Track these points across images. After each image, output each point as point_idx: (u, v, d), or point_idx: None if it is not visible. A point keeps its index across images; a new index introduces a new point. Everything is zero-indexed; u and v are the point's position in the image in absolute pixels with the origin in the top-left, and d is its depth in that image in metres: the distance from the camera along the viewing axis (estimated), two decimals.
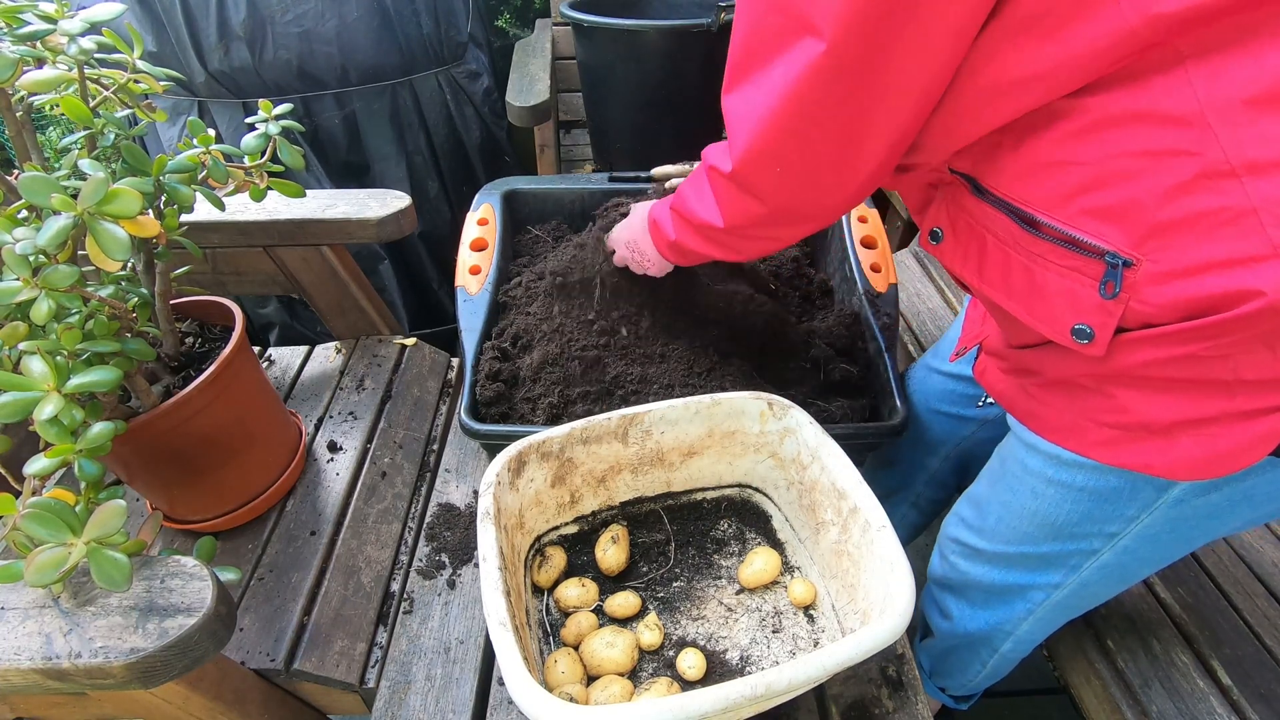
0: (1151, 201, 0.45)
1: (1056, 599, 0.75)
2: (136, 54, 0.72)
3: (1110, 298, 0.48)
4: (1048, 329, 0.54)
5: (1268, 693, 0.80)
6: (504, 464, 0.71)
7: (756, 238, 0.67)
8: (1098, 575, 0.70)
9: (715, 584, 0.78)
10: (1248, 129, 0.41)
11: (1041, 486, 0.67)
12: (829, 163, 0.54)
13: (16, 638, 0.54)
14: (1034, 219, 0.51)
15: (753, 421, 0.79)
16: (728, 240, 0.68)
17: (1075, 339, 0.52)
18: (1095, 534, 0.66)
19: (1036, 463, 0.66)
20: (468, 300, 0.99)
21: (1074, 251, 0.49)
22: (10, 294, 0.55)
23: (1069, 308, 0.51)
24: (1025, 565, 0.74)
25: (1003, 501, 0.72)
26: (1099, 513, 0.64)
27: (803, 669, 0.54)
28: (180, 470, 0.81)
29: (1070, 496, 0.65)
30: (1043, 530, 0.69)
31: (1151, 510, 0.62)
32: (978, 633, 0.84)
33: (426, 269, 1.83)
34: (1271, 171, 0.41)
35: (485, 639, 0.78)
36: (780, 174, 0.56)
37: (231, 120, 1.55)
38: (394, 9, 1.54)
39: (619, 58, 1.51)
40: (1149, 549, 0.66)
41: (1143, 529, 0.63)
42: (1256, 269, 0.42)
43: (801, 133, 0.52)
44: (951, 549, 0.82)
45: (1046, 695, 1.26)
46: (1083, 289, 0.50)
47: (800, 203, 0.59)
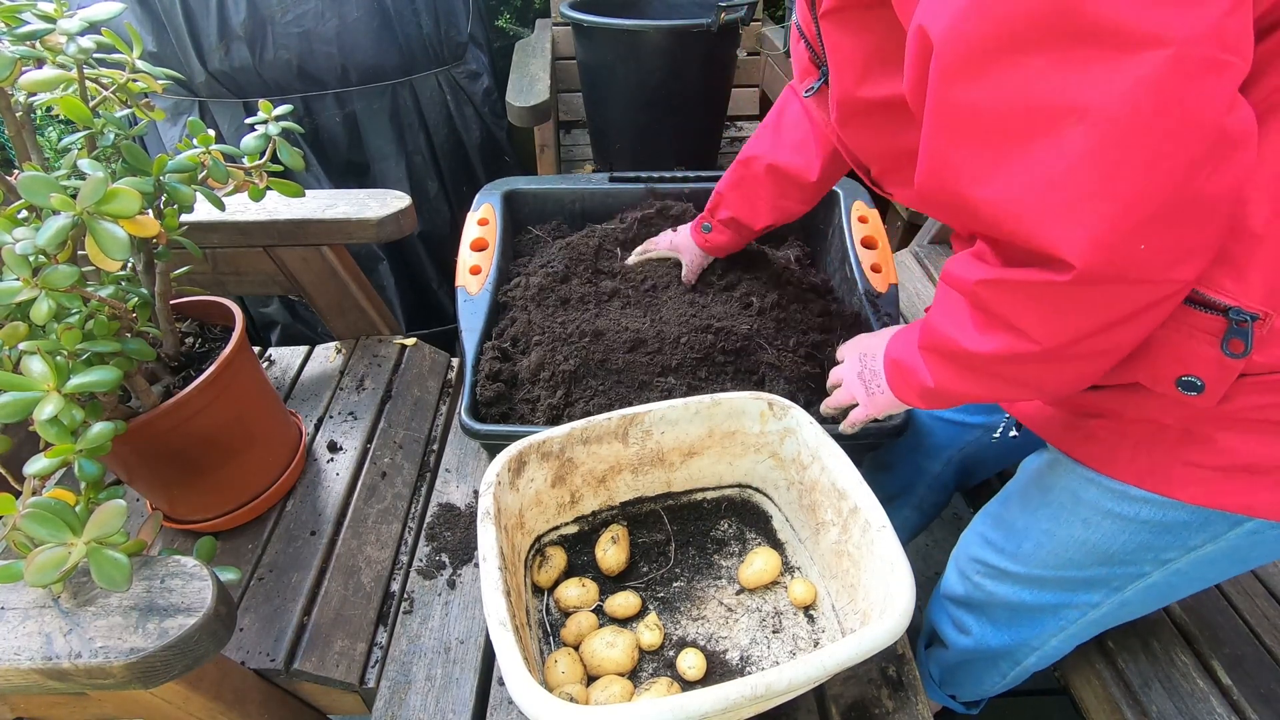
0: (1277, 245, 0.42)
1: (1092, 618, 0.73)
2: (136, 54, 0.72)
3: (1236, 356, 0.45)
4: (1145, 377, 0.50)
5: (1268, 693, 0.80)
6: (504, 464, 0.71)
7: (1088, 354, 0.48)
8: (1139, 596, 0.68)
9: (715, 584, 0.78)
10: None
11: (1097, 518, 0.64)
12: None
13: (16, 638, 0.54)
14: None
15: (753, 421, 0.79)
16: (1036, 368, 0.51)
17: (1182, 390, 0.49)
18: (1149, 560, 0.64)
19: (1093, 495, 0.63)
20: (468, 300, 0.99)
21: (1196, 309, 0.46)
22: (10, 294, 0.55)
23: (1177, 361, 0.48)
24: (1063, 587, 0.71)
25: (1044, 530, 0.69)
26: (1158, 542, 0.62)
27: (803, 669, 0.54)
28: (180, 470, 0.81)
29: (1129, 529, 0.62)
30: (1091, 557, 0.66)
31: (1217, 540, 0.59)
32: (1000, 648, 0.82)
33: (426, 269, 1.83)
34: None
35: (485, 639, 0.78)
36: (1149, 250, 0.41)
37: (232, 120, 1.55)
38: (394, 9, 1.54)
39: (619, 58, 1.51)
40: (1201, 571, 0.64)
41: (1201, 555, 0.61)
42: None
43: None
44: (975, 569, 0.79)
45: (1046, 695, 1.26)
46: (1197, 344, 0.47)
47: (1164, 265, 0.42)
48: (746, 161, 0.88)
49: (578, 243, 1.06)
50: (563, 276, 1.01)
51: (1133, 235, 0.39)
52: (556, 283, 1.01)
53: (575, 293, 0.99)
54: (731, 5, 1.39)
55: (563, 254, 1.04)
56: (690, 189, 1.14)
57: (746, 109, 2.08)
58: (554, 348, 0.90)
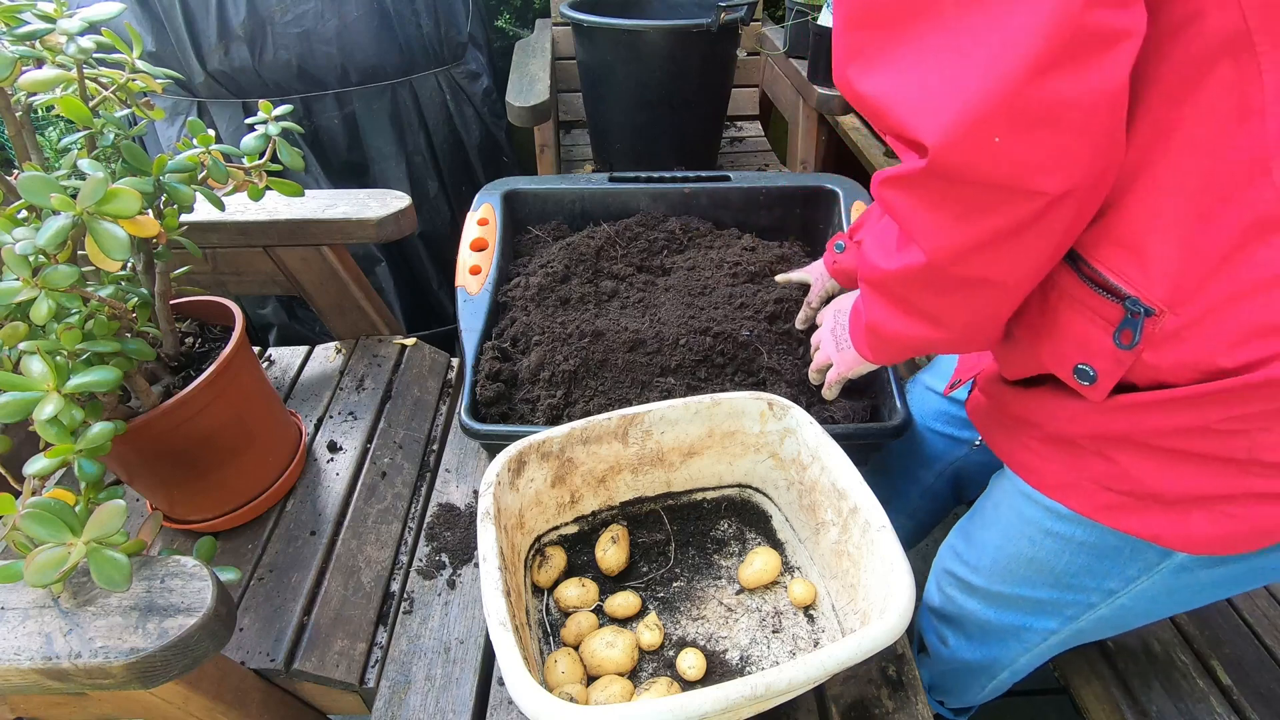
0: (1194, 248, 0.41)
1: (1052, 643, 0.74)
2: (135, 54, 0.72)
3: (1126, 348, 0.45)
4: (1051, 361, 0.51)
5: (1268, 693, 0.80)
6: (504, 464, 0.71)
7: (973, 279, 0.48)
8: (1093, 626, 0.69)
9: (715, 584, 0.78)
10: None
11: (1039, 536, 0.65)
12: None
13: (16, 638, 0.54)
14: (1073, 251, 0.47)
15: (753, 421, 0.79)
16: (932, 289, 0.51)
17: (1077, 378, 0.49)
18: (1094, 589, 0.64)
19: (1034, 513, 0.64)
20: (468, 300, 0.99)
21: (1095, 290, 0.46)
22: (10, 294, 0.55)
23: (1077, 346, 0.48)
24: (1021, 608, 0.73)
25: (997, 545, 0.71)
26: (1098, 568, 0.62)
27: (803, 669, 0.54)
28: (180, 470, 0.81)
29: (1069, 549, 0.63)
30: (1040, 576, 0.67)
31: (1153, 573, 0.59)
32: (975, 663, 0.84)
33: (426, 269, 1.83)
34: None
35: (485, 639, 0.78)
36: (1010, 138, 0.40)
37: (231, 120, 1.55)
38: (394, 9, 1.54)
39: (619, 58, 1.51)
40: (1147, 607, 0.64)
41: (1142, 590, 0.61)
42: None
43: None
44: (946, 580, 0.81)
45: (1046, 695, 1.26)
46: (1096, 330, 0.47)
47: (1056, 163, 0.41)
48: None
49: (578, 243, 1.06)
50: (563, 276, 1.01)
51: (981, 126, 0.39)
52: (556, 283, 1.01)
53: (575, 293, 0.99)
54: (731, 5, 1.39)
55: (563, 254, 1.04)
56: (690, 189, 1.14)
57: (746, 109, 2.08)
58: (554, 348, 0.90)
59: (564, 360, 0.89)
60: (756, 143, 2.00)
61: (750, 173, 1.20)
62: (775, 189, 1.14)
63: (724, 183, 1.14)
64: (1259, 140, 0.38)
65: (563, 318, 0.95)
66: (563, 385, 0.88)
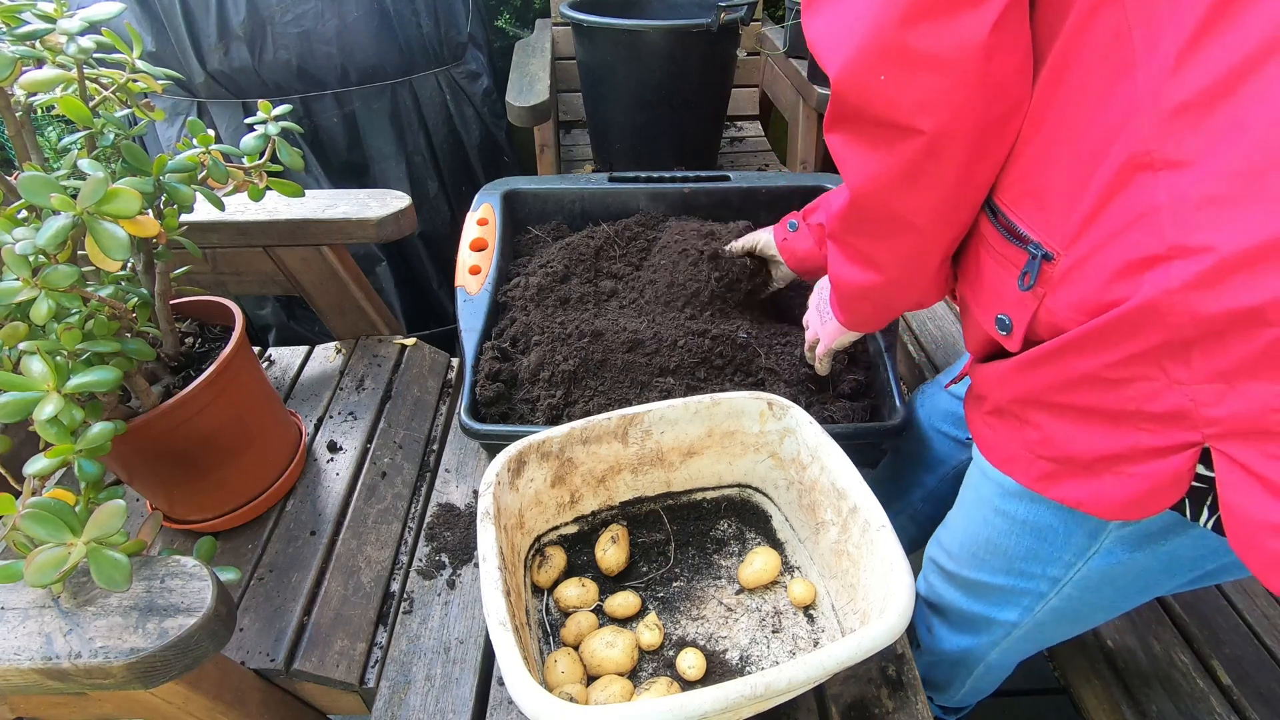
0: (1082, 191, 0.44)
1: (1017, 635, 0.76)
2: (135, 54, 0.72)
3: (1026, 289, 0.49)
4: (981, 316, 0.55)
5: (1268, 693, 0.80)
6: (504, 464, 0.71)
7: (887, 217, 0.55)
8: (1052, 617, 0.71)
9: (715, 584, 0.78)
10: (1172, 122, 0.39)
11: (991, 515, 0.68)
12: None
13: (16, 638, 0.54)
14: (990, 200, 0.52)
15: (752, 421, 0.79)
16: (862, 229, 0.58)
17: (998, 329, 0.53)
18: (1041, 575, 0.67)
19: (988, 490, 0.67)
20: (468, 300, 0.99)
21: (1007, 239, 0.50)
22: (10, 294, 0.55)
23: (995, 296, 0.52)
24: (986, 596, 0.75)
25: (963, 527, 0.74)
26: (1042, 551, 0.65)
27: (802, 669, 0.54)
28: (180, 470, 0.81)
29: (1015, 529, 0.65)
30: (995, 559, 0.70)
31: (1087, 558, 0.62)
32: (955, 653, 0.86)
33: (426, 269, 1.83)
34: (1186, 168, 0.39)
35: (485, 639, 0.78)
36: (893, 75, 0.46)
37: (231, 120, 1.55)
38: (394, 9, 1.54)
39: (619, 58, 1.51)
40: (1094, 598, 0.66)
41: (1082, 578, 0.64)
42: (1154, 271, 0.41)
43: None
44: (931, 568, 0.84)
45: (1046, 695, 1.26)
46: (1008, 277, 0.51)
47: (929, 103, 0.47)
48: None
49: (578, 243, 1.06)
50: (562, 276, 1.01)
51: (868, 65, 0.46)
52: (556, 283, 1.01)
53: (575, 293, 0.99)
54: (731, 5, 1.39)
55: (562, 254, 1.04)
56: (690, 189, 1.14)
57: (746, 109, 2.08)
58: (553, 348, 0.90)
59: (564, 360, 0.89)
60: (756, 143, 2.00)
61: (750, 173, 1.20)
62: (775, 189, 1.14)
63: (724, 183, 1.14)
64: (1131, 89, 0.41)
65: (562, 318, 0.95)
66: (563, 385, 0.88)
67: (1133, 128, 0.41)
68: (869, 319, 0.71)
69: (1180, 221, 0.39)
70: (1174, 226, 0.40)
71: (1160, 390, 0.44)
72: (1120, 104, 0.42)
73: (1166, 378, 0.43)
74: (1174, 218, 0.39)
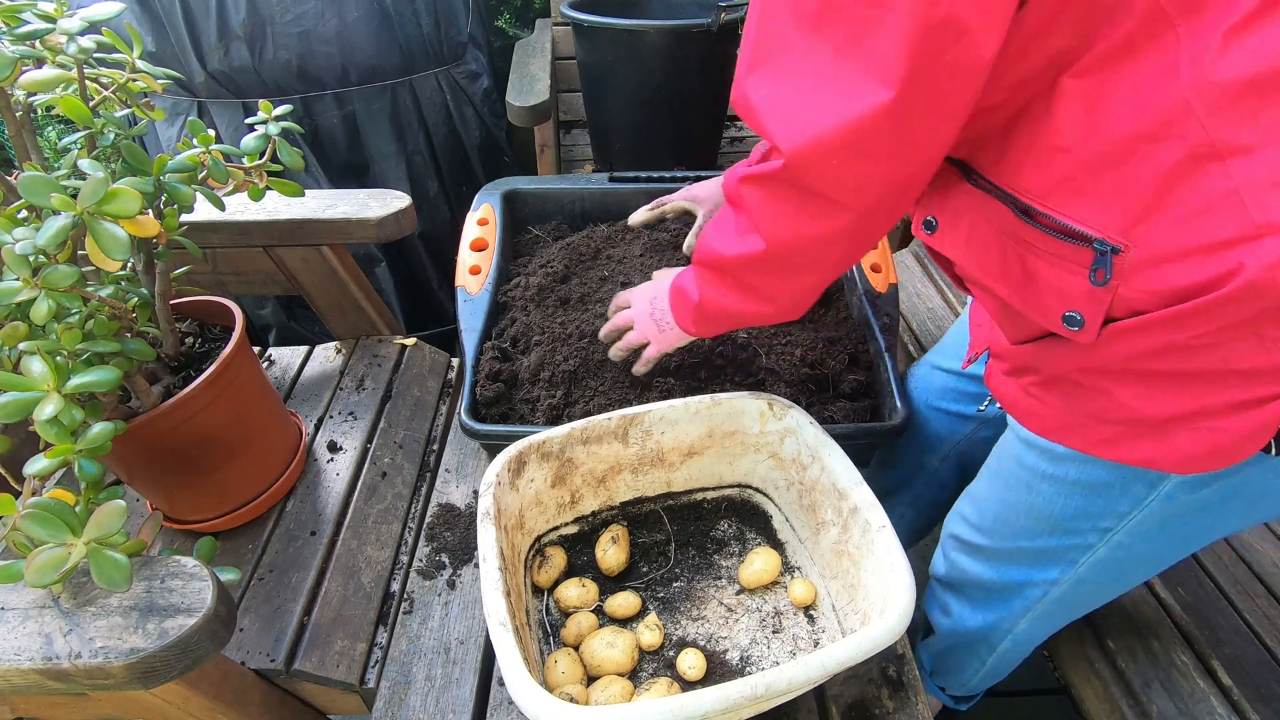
0: (1140, 185, 0.46)
1: (1054, 595, 0.75)
2: (136, 54, 0.72)
3: (1100, 285, 0.49)
4: (1040, 316, 0.55)
5: (1268, 693, 0.80)
6: (504, 464, 0.71)
7: (801, 264, 0.60)
8: (1094, 572, 0.70)
9: (715, 584, 0.78)
10: (1229, 112, 0.42)
11: (1036, 481, 0.67)
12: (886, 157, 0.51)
13: (16, 638, 0.54)
14: (1029, 208, 0.52)
15: (753, 421, 0.79)
16: (767, 272, 0.61)
17: (1066, 325, 0.53)
18: (1090, 529, 0.67)
19: (1031, 458, 0.67)
20: (468, 300, 0.99)
21: (1065, 240, 0.50)
22: (10, 294, 0.55)
23: (1059, 296, 0.52)
24: (1023, 561, 0.74)
25: (999, 497, 0.73)
26: (1093, 507, 0.65)
27: (803, 669, 0.54)
28: (180, 470, 0.81)
29: (1064, 491, 0.65)
30: (1039, 525, 0.69)
31: (1144, 506, 0.62)
32: (977, 631, 0.85)
33: (426, 269, 1.83)
34: (1253, 153, 0.42)
35: (485, 639, 0.78)
36: (840, 166, 0.51)
37: (231, 120, 1.55)
38: (394, 9, 1.54)
39: (619, 58, 1.51)
40: (1143, 546, 0.66)
41: (1136, 525, 0.64)
42: (1240, 250, 0.43)
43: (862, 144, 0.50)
44: (952, 546, 0.83)
45: (1046, 695, 1.26)
46: (1073, 277, 0.51)
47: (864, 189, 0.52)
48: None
49: (578, 243, 1.06)
50: (563, 276, 1.01)
51: (831, 152, 0.49)
52: (556, 283, 1.01)
53: (575, 293, 0.99)
54: (731, 5, 1.39)
55: (563, 254, 1.04)
56: None
57: None
58: (554, 348, 0.90)
59: (564, 360, 0.89)
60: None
61: None
62: None
63: None
64: (1176, 88, 0.44)
65: (563, 318, 0.95)
66: (563, 385, 0.88)
67: (1185, 122, 0.44)
68: (722, 330, 0.76)
69: (1260, 202, 0.42)
70: (1256, 207, 0.42)
71: (1252, 350, 0.46)
72: (1163, 103, 0.44)
73: (1260, 339, 0.46)
74: (1253, 199, 0.42)
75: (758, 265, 0.61)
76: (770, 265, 0.60)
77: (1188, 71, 0.43)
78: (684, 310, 0.72)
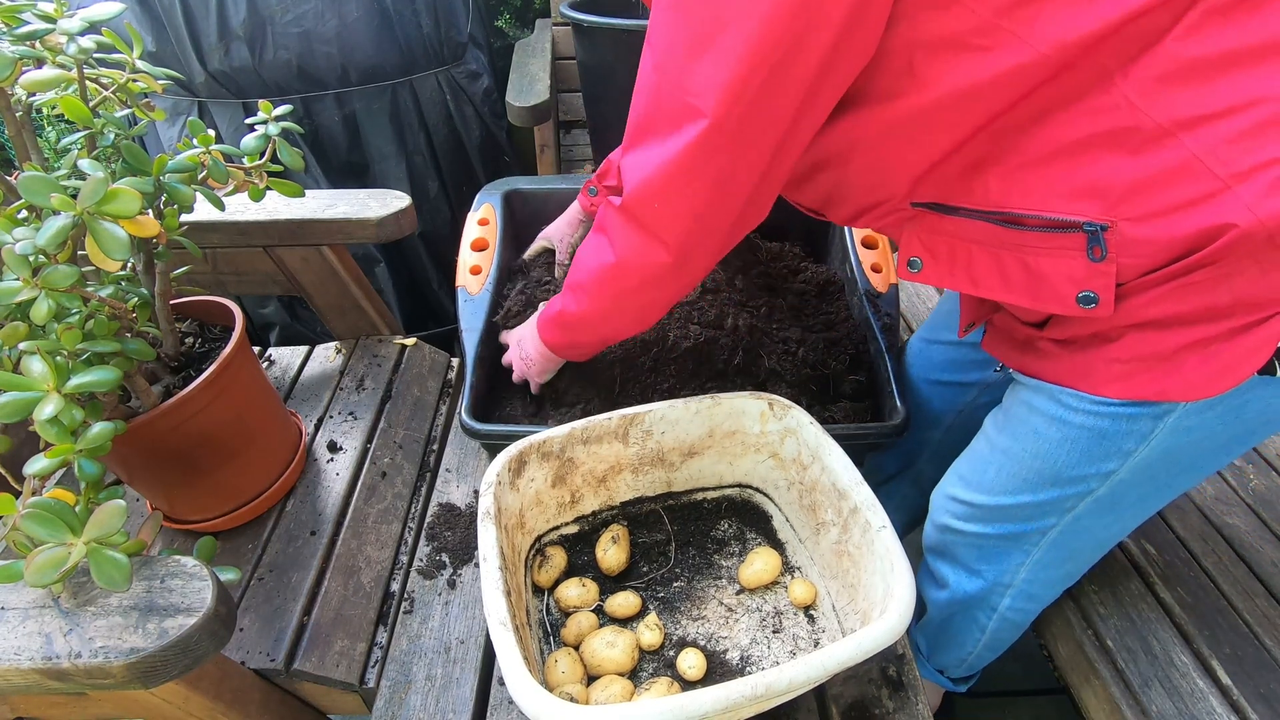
0: (1113, 173, 0.51)
1: (1050, 538, 0.76)
2: (136, 54, 0.72)
3: (1099, 260, 0.54)
4: (1056, 306, 0.57)
5: (1268, 693, 0.80)
6: (504, 464, 0.71)
7: (646, 284, 0.68)
8: (1091, 509, 0.71)
9: (715, 584, 0.78)
10: (1167, 98, 0.49)
11: (1043, 425, 0.68)
12: (705, 202, 0.60)
13: (16, 638, 0.54)
14: (1016, 216, 0.56)
15: (753, 422, 0.79)
16: (619, 281, 0.69)
17: (1083, 306, 0.56)
18: (1093, 474, 0.68)
19: (1039, 401, 0.68)
20: (468, 300, 0.99)
21: (1056, 233, 0.54)
22: (10, 294, 0.55)
23: (1068, 281, 0.55)
24: (1022, 515, 0.75)
25: (1003, 449, 0.73)
26: (1098, 450, 0.66)
27: (803, 669, 0.54)
28: (180, 470, 0.81)
29: (1070, 435, 0.66)
30: (1041, 476, 0.70)
31: (1149, 441, 0.63)
32: (975, 593, 0.84)
33: (426, 269, 1.83)
34: (1198, 125, 0.48)
35: (485, 639, 0.78)
36: (663, 209, 0.61)
37: (231, 120, 1.55)
38: (394, 9, 1.54)
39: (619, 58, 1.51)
40: (1143, 478, 0.67)
41: (1139, 461, 0.65)
42: (1217, 201, 0.49)
43: (685, 180, 0.59)
44: (947, 509, 0.82)
45: (1046, 695, 1.26)
46: (1074, 261, 0.55)
47: (684, 235, 0.63)
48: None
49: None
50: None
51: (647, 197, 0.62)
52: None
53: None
54: None
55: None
56: None
57: None
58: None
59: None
60: None
61: None
62: None
63: None
64: (1114, 93, 0.50)
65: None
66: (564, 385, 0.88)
67: (1135, 116, 0.50)
68: (584, 348, 0.83)
69: (1219, 158, 0.48)
70: (1216, 164, 0.48)
71: (1253, 277, 0.51)
72: (1111, 108, 0.51)
73: (1259, 266, 0.50)
74: (1212, 158, 0.48)
75: (611, 275, 0.68)
76: (622, 279, 0.68)
77: (1120, 81, 0.50)
78: (545, 326, 0.82)
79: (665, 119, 0.57)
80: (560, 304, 0.77)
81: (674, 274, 0.67)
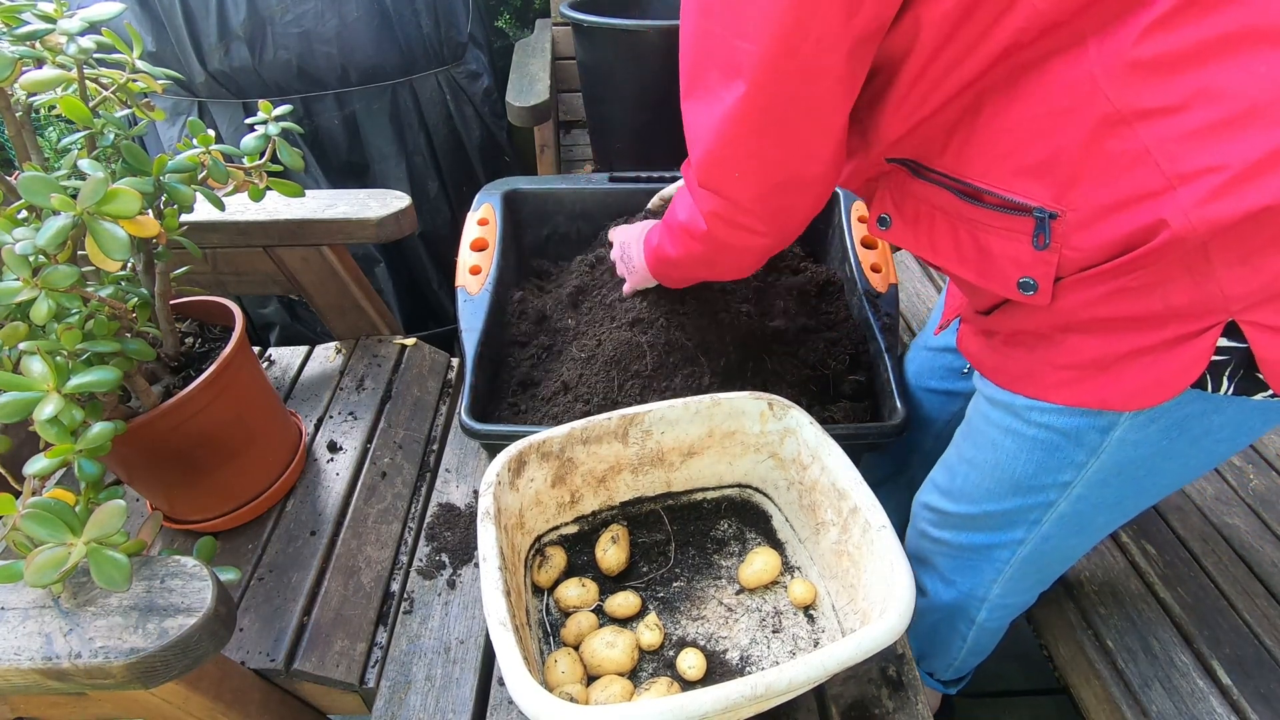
0: (1066, 152, 0.51)
1: (1021, 555, 0.76)
2: (136, 54, 0.72)
3: (1043, 249, 0.54)
4: (999, 287, 0.58)
5: (1268, 693, 0.80)
6: (504, 464, 0.71)
7: (732, 243, 0.68)
8: (1057, 527, 0.72)
9: (715, 584, 0.78)
10: (1131, 85, 0.48)
11: (999, 437, 0.69)
12: (777, 163, 0.59)
13: (16, 638, 0.54)
14: (975, 189, 0.56)
15: (753, 422, 0.79)
16: (708, 242, 0.70)
17: (1022, 291, 0.57)
18: (1050, 485, 0.69)
19: (996, 414, 0.69)
20: (468, 300, 0.99)
21: (1009, 214, 0.55)
22: (10, 294, 0.55)
23: (1013, 264, 0.56)
24: (990, 525, 0.76)
25: (968, 459, 0.75)
26: (1051, 462, 0.67)
27: (803, 669, 0.54)
28: (180, 470, 0.81)
29: (1025, 446, 0.68)
30: (1003, 485, 0.71)
31: (1098, 454, 0.64)
32: (953, 604, 0.86)
33: (426, 269, 1.83)
34: (1155, 117, 0.47)
35: (485, 639, 0.78)
36: (738, 176, 0.61)
37: (231, 120, 1.55)
38: (394, 9, 1.54)
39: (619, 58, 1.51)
40: (1102, 495, 0.68)
41: (1093, 474, 0.66)
42: (1159, 201, 0.48)
43: (748, 143, 0.58)
44: (923, 517, 0.84)
45: (1046, 695, 1.26)
46: (1021, 245, 0.55)
47: (763, 197, 0.62)
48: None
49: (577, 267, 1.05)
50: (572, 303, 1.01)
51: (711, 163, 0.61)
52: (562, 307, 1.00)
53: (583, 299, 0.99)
54: None
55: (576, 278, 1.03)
56: None
57: None
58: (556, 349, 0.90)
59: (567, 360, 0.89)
60: None
61: None
62: None
63: None
64: (1085, 65, 0.49)
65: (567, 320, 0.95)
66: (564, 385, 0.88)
67: (1093, 94, 0.49)
68: (677, 279, 0.86)
69: (1168, 155, 0.47)
70: (1165, 161, 0.47)
71: (1185, 287, 0.51)
72: (1072, 78, 0.50)
73: (1191, 276, 0.50)
74: (1162, 155, 0.47)
75: (701, 235, 0.69)
76: (712, 240, 0.69)
77: (1094, 53, 0.49)
78: (649, 253, 0.84)
79: (716, 69, 0.55)
80: (658, 239, 0.79)
81: (759, 238, 0.66)
